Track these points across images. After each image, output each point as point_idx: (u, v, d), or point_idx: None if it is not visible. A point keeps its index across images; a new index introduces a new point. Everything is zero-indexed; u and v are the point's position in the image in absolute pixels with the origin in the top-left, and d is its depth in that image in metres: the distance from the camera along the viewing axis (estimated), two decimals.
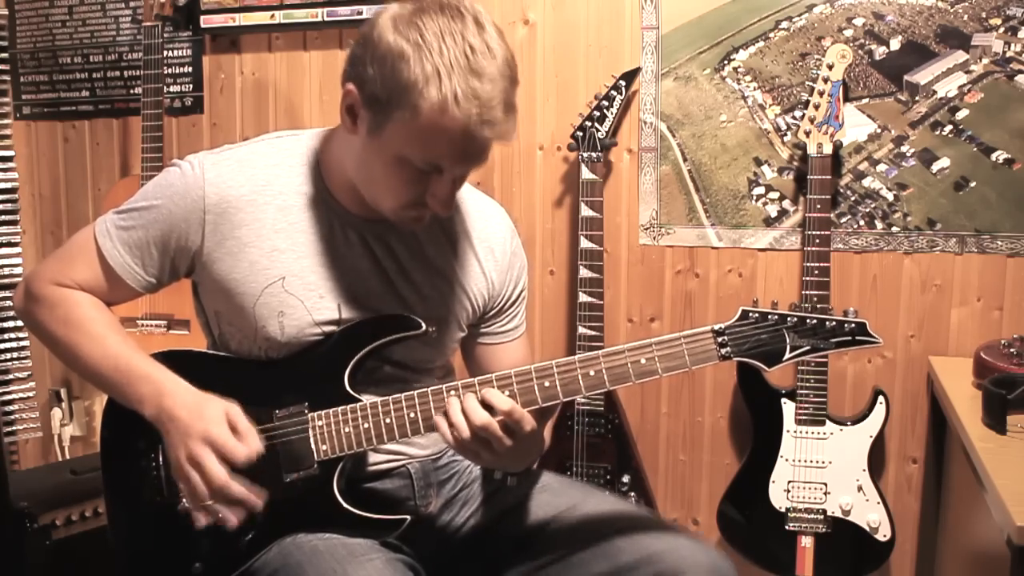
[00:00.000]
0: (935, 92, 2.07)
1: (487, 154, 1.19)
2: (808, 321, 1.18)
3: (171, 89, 2.61)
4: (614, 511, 1.38)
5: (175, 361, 1.30)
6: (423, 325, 1.29)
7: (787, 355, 1.19)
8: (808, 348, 1.19)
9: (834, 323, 1.18)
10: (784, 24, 2.14)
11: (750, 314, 1.19)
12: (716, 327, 1.19)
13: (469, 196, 1.44)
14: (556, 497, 1.40)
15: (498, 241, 1.43)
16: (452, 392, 1.22)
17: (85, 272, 1.33)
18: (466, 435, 1.18)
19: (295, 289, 1.30)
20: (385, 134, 1.17)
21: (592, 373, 1.20)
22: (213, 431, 1.21)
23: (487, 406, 1.19)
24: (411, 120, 1.13)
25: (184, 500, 1.28)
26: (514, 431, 1.18)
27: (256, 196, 1.29)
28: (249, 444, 1.22)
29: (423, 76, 1.11)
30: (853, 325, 1.18)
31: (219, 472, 1.20)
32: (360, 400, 1.27)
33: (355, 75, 1.18)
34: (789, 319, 1.18)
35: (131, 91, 2.69)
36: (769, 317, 1.19)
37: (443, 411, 1.21)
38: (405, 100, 1.12)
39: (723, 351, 1.19)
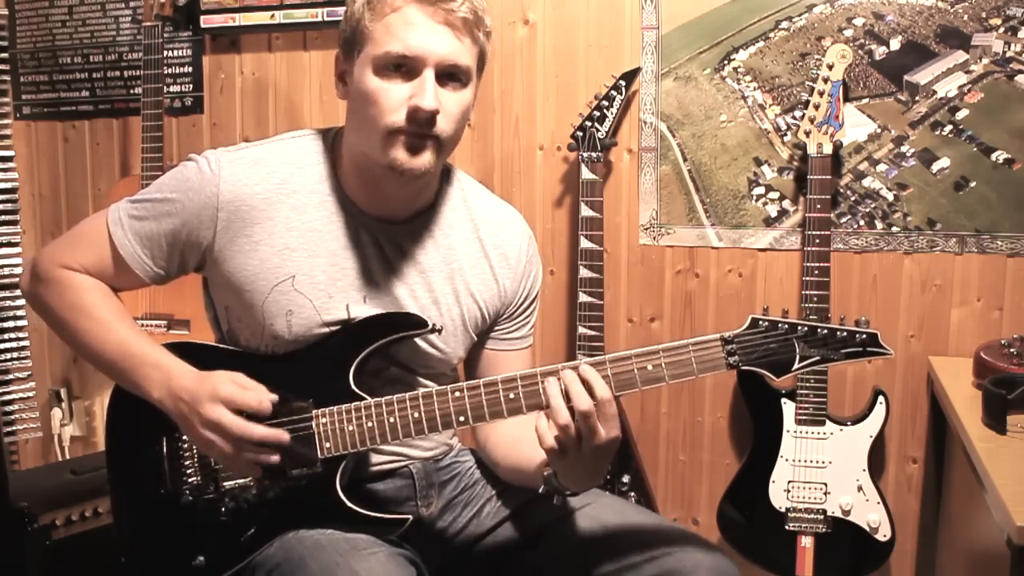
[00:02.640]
0: (935, 92, 2.07)
1: (457, 37, 1.22)
2: (819, 331, 1.16)
3: (171, 89, 2.61)
4: (619, 513, 1.37)
5: (181, 353, 1.30)
6: (429, 323, 1.29)
7: (796, 365, 1.16)
8: (818, 358, 1.16)
9: (845, 334, 1.16)
10: (784, 24, 2.14)
11: (760, 322, 1.17)
12: (725, 335, 1.17)
13: (487, 201, 1.44)
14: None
15: (513, 248, 1.43)
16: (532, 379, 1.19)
17: (93, 256, 1.34)
18: (564, 419, 1.13)
19: (305, 288, 1.30)
20: (359, 60, 1.24)
21: None
22: (221, 389, 1.21)
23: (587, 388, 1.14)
24: (372, 27, 1.22)
25: (192, 489, 1.30)
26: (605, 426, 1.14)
27: (270, 195, 1.29)
28: (259, 392, 1.22)
29: None
30: (865, 336, 1.16)
31: (237, 421, 1.20)
32: (365, 399, 1.27)
33: (339, 43, 1.31)
34: (799, 328, 1.16)
35: (131, 91, 2.69)
36: (779, 326, 1.16)
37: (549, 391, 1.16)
38: (363, 14, 1.23)
39: (731, 360, 1.17)
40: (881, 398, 2.05)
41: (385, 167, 1.24)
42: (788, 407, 2.06)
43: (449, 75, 1.23)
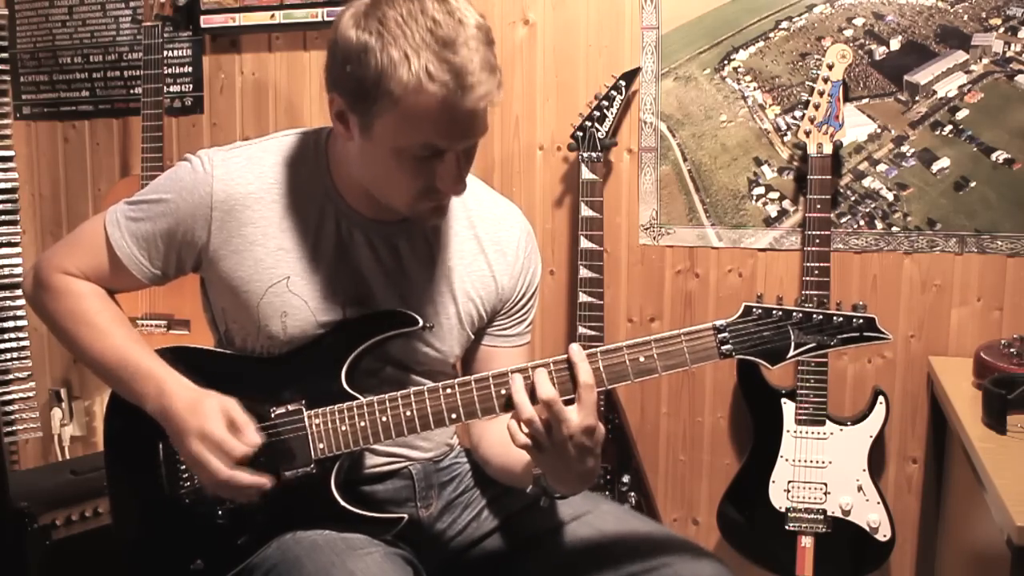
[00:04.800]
0: (935, 92, 2.07)
1: (480, 122, 1.16)
2: (814, 317, 1.13)
3: (171, 89, 2.61)
4: (619, 521, 1.37)
5: (177, 357, 1.30)
6: (419, 321, 1.29)
7: (791, 352, 1.14)
8: (813, 345, 1.14)
9: (842, 319, 1.13)
10: (784, 24, 2.14)
11: (753, 310, 1.15)
12: (717, 323, 1.15)
13: (484, 197, 1.43)
14: (562, 505, 1.37)
15: (510, 244, 1.41)
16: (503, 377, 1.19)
17: (92, 260, 1.34)
18: (528, 413, 1.13)
19: (299, 289, 1.30)
20: (375, 131, 1.16)
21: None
22: (208, 428, 1.20)
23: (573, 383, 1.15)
24: (392, 108, 1.12)
25: (190, 493, 1.30)
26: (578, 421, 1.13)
27: (264, 194, 1.29)
28: (245, 439, 1.21)
29: (391, 62, 1.10)
30: (861, 321, 1.13)
31: (221, 468, 1.20)
32: (358, 398, 1.26)
33: (333, 81, 1.19)
34: (794, 315, 1.14)
35: (131, 91, 2.69)
36: (773, 313, 1.14)
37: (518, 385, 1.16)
38: (381, 91, 1.12)
39: (724, 348, 1.15)
40: (881, 398, 2.05)
41: (404, 214, 1.26)
42: (788, 407, 2.06)
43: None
